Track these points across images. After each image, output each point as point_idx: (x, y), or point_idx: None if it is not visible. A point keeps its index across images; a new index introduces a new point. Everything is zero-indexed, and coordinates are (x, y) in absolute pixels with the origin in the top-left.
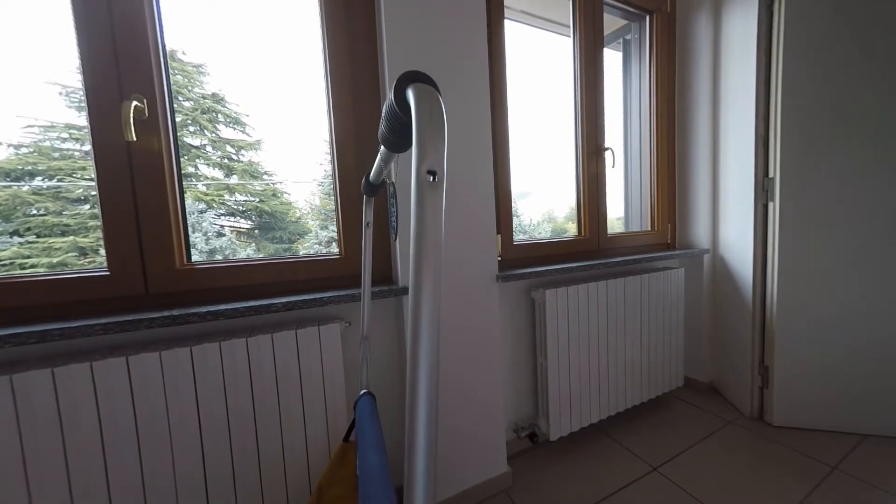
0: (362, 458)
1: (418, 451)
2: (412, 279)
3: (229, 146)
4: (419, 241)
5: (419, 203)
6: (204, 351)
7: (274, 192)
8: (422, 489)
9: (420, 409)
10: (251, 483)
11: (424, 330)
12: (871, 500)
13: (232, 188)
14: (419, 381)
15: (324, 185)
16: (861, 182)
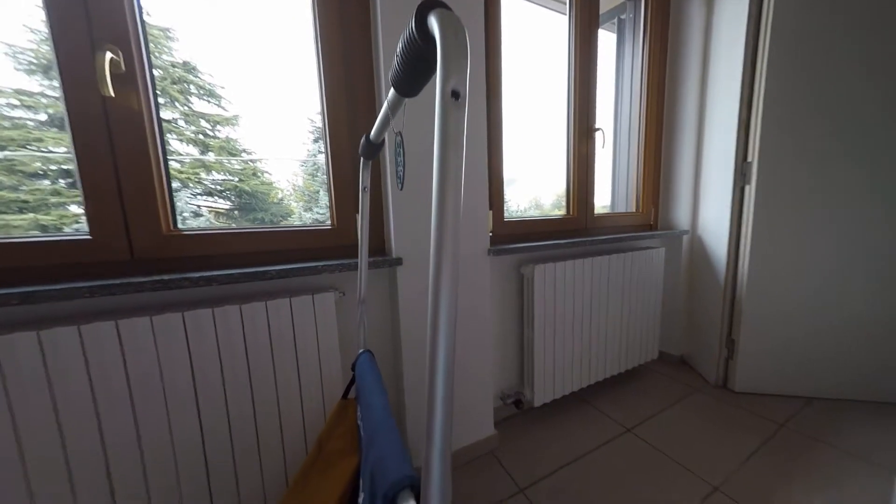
0: (367, 403)
1: (437, 397)
2: (435, 195)
3: (204, 121)
4: (443, 160)
5: (443, 123)
6: (197, 317)
7: (254, 171)
8: (440, 431)
9: (440, 353)
10: (249, 444)
11: (448, 249)
12: (808, 447)
13: (209, 166)
14: (440, 315)
15: (306, 165)
16: (833, 169)
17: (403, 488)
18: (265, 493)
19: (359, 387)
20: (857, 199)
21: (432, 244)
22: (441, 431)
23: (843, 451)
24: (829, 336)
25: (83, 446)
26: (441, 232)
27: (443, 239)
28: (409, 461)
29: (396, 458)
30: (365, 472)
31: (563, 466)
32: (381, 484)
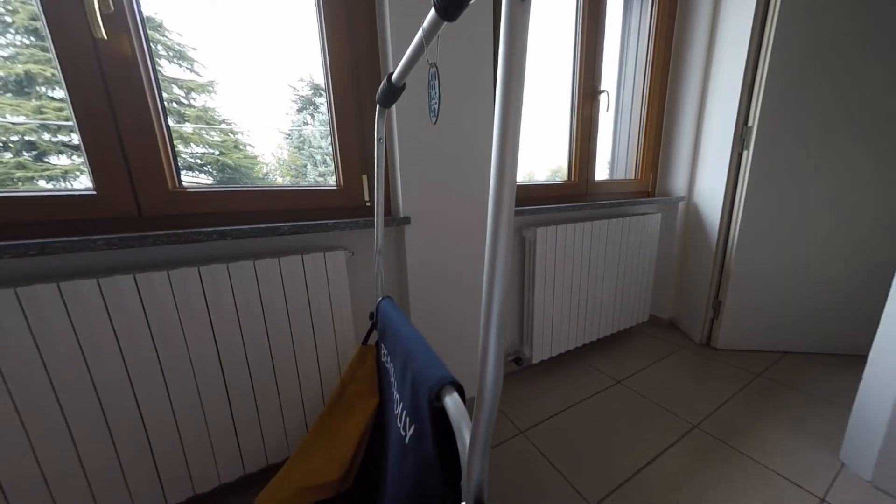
0: (397, 332)
1: (492, 324)
2: (499, 100)
3: (176, 87)
4: (508, 65)
5: (509, 25)
6: (212, 272)
7: (235, 143)
8: (493, 361)
9: (497, 282)
10: (269, 395)
11: (509, 153)
12: (779, 392)
13: (186, 137)
14: (499, 240)
15: (291, 138)
16: (829, 137)
17: (446, 384)
18: (287, 440)
19: (384, 326)
20: (850, 167)
21: (493, 161)
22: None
23: (809, 394)
24: (807, 296)
25: (113, 393)
26: (503, 130)
27: (503, 157)
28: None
29: (436, 365)
30: (403, 386)
31: (559, 413)
32: (425, 384)
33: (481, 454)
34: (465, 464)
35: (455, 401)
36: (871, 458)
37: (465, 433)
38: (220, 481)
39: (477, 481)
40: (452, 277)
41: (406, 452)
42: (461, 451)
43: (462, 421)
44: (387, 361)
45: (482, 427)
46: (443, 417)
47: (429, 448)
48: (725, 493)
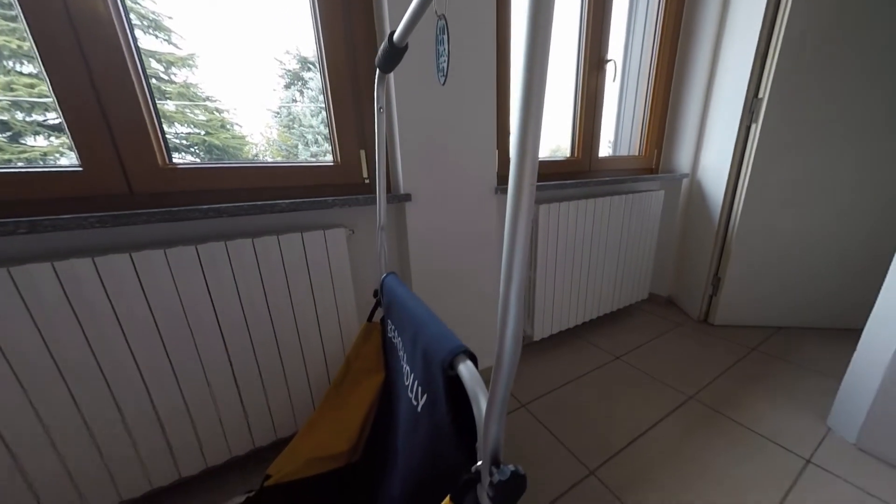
0: (405, 306)
1: (512, 288)
2: (523, 61)
3: (154, 60)
4: (533, 21)
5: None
6: (210, 250)
7: (222, 122)
8: (513, 322)
9: (518, 244)
10: (275, 373)
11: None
12: (771, 364)
13: (170, 116)
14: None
15: (280, 116)
16: (839, 110)
17: (460, 353)
18: (295, 416)
19: (390, 301)
20: (861, 143)
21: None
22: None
23: (800, 366)
24: (806, 272)
25: (121, 376)
26: (529, 76)
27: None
28: (458, 339)
29: (448, 335)
30: (414, 358)
31: (560, 387)
32: (438, 355)
33: (498, 416)
34: (480, 427)
35: (469, 368)
36: (857, 422)
37: (482, 398)
38: (231, 454)
39: (494, 442)
40: (455, 255)
41: (418, 421)
42: (477, 415)
43: (477, 387)
44: (394, 336)
45: (500, 388)
46: (456, 385)
47: (442, 415)
48: (717, 457)
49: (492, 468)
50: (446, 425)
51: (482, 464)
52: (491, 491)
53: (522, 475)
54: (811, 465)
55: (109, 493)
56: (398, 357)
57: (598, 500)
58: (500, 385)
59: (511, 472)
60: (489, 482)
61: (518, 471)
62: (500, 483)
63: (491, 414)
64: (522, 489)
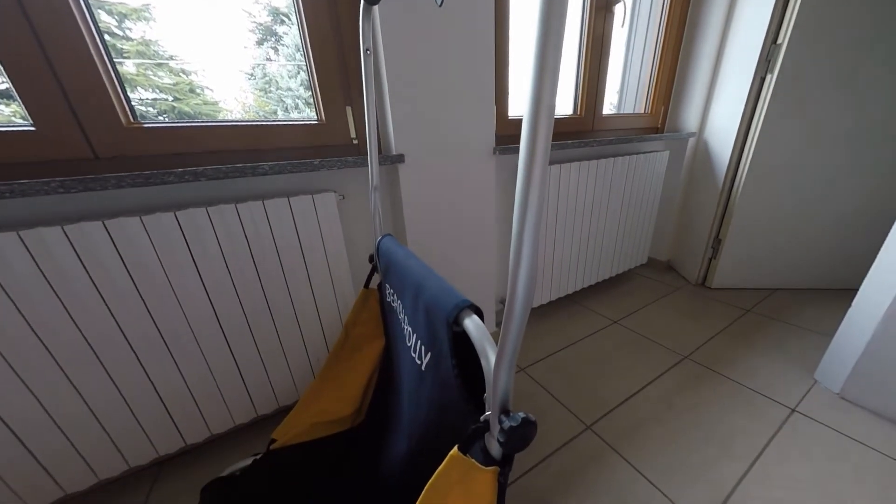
0: (404, 266)
1: (525, 235)
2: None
3: (104, 12)
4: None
5: None
6: (191, 217)
7: (191, 86)
8: (526, 266)
9: (533, 193)
10: (271, 343)
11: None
12: (766, 325)
13: (131, 79)
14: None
15: (254, 78)
16: (862, 57)
17: (464, 308)
18: (296, 385)
19: (388, 263)
20: (879, 98)
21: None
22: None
23: (794, 324)
24: (807, 234)
25: (111, 348)
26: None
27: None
28: (461, 295)
29: (450, 291)
30: (416, 317)
31: (558, 351)
32: (442, 311)
33: (508, 366)
34: (490, 378)
35: (475, 322)
36: (843, 374)
37: (489, 350)
38: (235, 423)
39: (503, 391)
40: (452, 219)
41: (423, 379)
42: (486, 366)
43: (485, 340)
44: (393, 300)
45: (511, 337)
46: (462, 340)
47: (448, 370)
48: (709, 409)
49: (501, 416)
50: (452, 379)
51: (491, 413)
52: (502, 436)
53: (533, 421)
54: (796, 413)
55: (116, 461)
56: (398, 321)
57: (594, 451)
58: (510, 334)
59: (522, 417)
60: (499, 429)
61: (529, 417)
62: (511, 428)
63: (501, 363)
64: (532, 435)
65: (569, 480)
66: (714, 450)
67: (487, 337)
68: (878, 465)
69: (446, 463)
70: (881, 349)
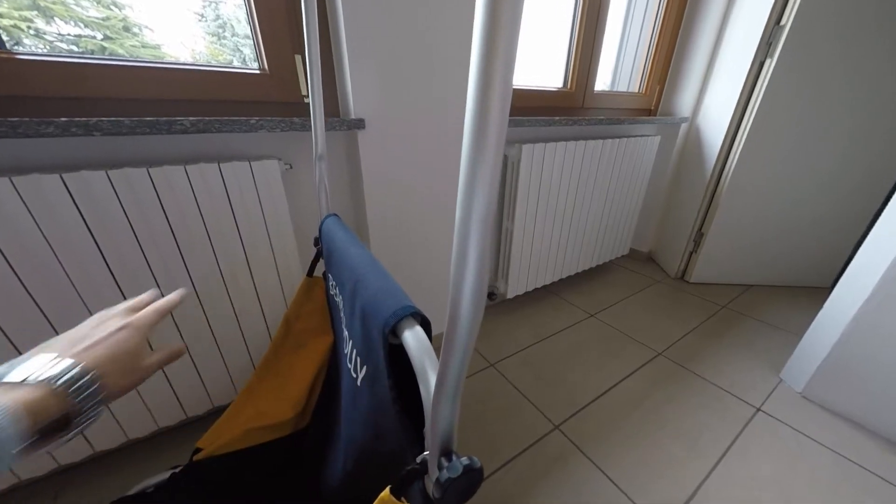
0: (345, 254)
1: (472, 231)
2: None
3: None
4: None
5: None
6: (84, 180)
7: (125, 23)
8: (473, 277)
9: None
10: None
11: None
12: (738, 321)
13: (45, 8)
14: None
15: (206, 20)
16: (865, 46)
17: (406, 317)
18: (234, 382)
19: (329, 250)
20: (878, 89)
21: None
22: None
23: (764, 322)
24: (781, 231)
25: None
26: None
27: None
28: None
29: (393, 292)
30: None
31: (531, 345)
32: (379, 317)
33: (451, 397)
34: (428, 409)
35: (417, 335)
36: (807, 374)
37: (430, 374)
38: (159, 426)
39: (443, 430)
40: (419, 195)
41: (358, 395)
42: (425, 395)
43: (426, 359)
44: (335, 294)
45: (454, 364)
46: (402, 355)
47: (384, 393)
48: (678, 407)
49: (441, 459)
50: (388, 405)
51: (429, 454)
52: (437, 490)
53: (477, 469)
54: (760, 412)
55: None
56: (339, 318)
57: (560, 451)
58: (453, 359)
59: (464, 466)
60: (436, 479)
61: (472, 464)
62: (449, 481)
63: (441, 394)
64: (476, 486)
65: (533, 483)
66: (680, 449)
67: (430, 356)
68: (832, 464)
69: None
70: (846, 351)
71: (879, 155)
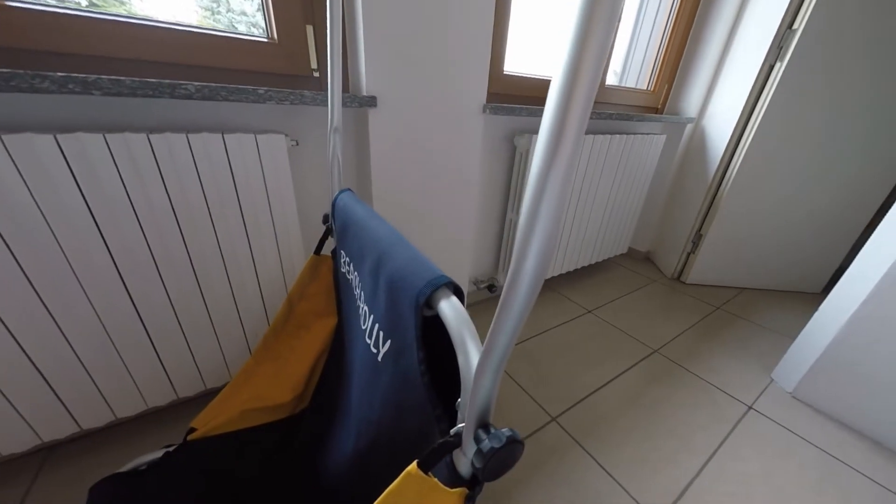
0: (365, 227)
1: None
2: None
3: None
4: None
5: None
6: (80, 142)
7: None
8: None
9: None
10: (197, 314)
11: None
12: (731, 323)
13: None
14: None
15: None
16: (880, 61)
17: (441, 286)
18: (228, 364)
19: (344, 224)
20: (883, 97)
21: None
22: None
23: (758, 324)
24: (779, 236)
25: None
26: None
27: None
28: (437, 268)
29: (423, 263)
30: (376, 294)
31: (529, 338)
32: (411, 289)
33: (496, 367)
34: (468, 381)
35: (454, 305)
36: (798, 375)
37: (471, 345)
38: (148, 405)
39: (485, 401)
40: (427, 181)
41: (378, 372)
42: (463, 365)
43: (465, 329)
44: (348, 271)
45: (504, 334)
46: (432, 327)
47: (412, 365)
48: (673, 404)
49: (479, 432)
50: (417, 376)
51: (465, 426)
52: (478, 459)
53: (520, 441)
54: (752, 410)
55: None
56: (353, 296)
57: (557, 443)
58: (506, 324)
59: (507, 437)
60: (476, 449)
61: (515, 435)
62: (493, 450)
63: (486, 363)
64: (516, 458)
65: (531, 472)
66: (674, 444)
67: (469, 326)
68: (818, 461)
69: (402, 480)
70: (837, 355)
71: (879, 167)
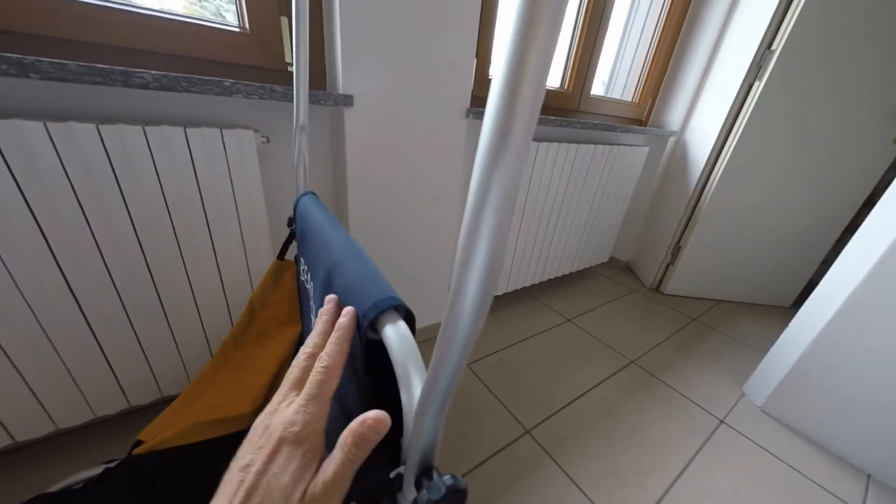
0: (320, 236)
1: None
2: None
3: None
4: None
5: None
6: (21, 131)
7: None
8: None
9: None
10: (154, 322)
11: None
12: (707, 335)
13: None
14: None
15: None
16: (850, 72)
17: (387, 309)
18: (186, 369)
19: (303, 230)
20: (852, 115)
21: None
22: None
23: (731, 337)
24: (754, 250)
25: None
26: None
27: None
28: (390, 287)
29: (374, 280)
30: None
31: (506, 347)
32: (356, 307)
33: (438, 409)
34: (409, 419)
35: (400, 332)
36: (768, 389)
37: (414, 379)
38: (95, 414)
39: (426, 444)
40: (407, 183)
41: None
42: (406, 403)
43: (410, 361)
44: (307, 280)
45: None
46: (380, 353)
47: (354, 396)
48: (647, 416)
49: (421, 478)
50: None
51: (406, 469)
52: None
53: (462, 490)
54: (724, 424)
55: None
56: (309, 308)
57: (529, 457)
58: (446, 365)
59: (447, 487)
60: (413, 499)
61: (457, 484)
62: (430, 502)
63: (427, 404)
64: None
65: (503, 488)
66: (646, 457)
67: (415, 357)
68: (786, 477)
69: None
70: (805, 370)
71: (849, 182)
